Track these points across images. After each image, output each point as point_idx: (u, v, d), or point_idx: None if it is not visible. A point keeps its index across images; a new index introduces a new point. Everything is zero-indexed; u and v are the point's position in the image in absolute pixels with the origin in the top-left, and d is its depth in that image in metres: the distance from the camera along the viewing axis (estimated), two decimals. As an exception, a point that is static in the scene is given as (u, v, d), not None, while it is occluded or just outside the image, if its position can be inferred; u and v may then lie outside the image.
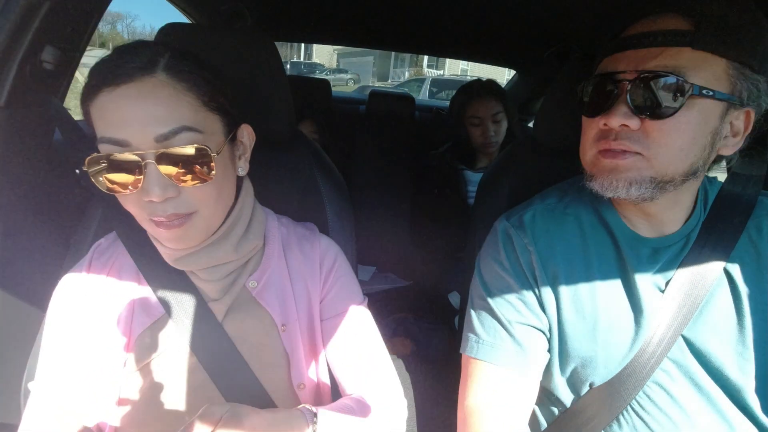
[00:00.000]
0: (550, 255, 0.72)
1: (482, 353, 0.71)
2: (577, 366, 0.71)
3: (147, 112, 0.53)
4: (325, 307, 0.75)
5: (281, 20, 1.86)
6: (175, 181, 0.56)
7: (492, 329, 0.72)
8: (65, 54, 0.82)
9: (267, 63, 0.83)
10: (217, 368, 0.65)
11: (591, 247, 0.72)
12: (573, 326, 0.70)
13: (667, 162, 0.61)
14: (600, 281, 0.70)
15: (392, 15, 1.65)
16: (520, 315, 0.71)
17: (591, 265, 0.71)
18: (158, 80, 0.55)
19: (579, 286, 0.70)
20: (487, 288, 0.75)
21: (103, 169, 0.55)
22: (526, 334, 0.71)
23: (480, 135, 1.73)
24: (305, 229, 0.80)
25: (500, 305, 0.73)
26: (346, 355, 0.74)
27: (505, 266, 0.74)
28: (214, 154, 0.57)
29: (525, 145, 1.08)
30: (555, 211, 0.76)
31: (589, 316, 0.69)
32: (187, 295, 0.67)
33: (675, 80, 0.57)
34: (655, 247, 0.70)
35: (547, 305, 0.71)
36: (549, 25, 1.56)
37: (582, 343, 0.69)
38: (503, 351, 0.70)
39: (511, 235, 0.76)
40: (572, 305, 0.70)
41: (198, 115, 0.57)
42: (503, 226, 0.78)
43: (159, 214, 0.57)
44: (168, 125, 0.54)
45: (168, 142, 0.55)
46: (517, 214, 0.78)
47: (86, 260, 0.69)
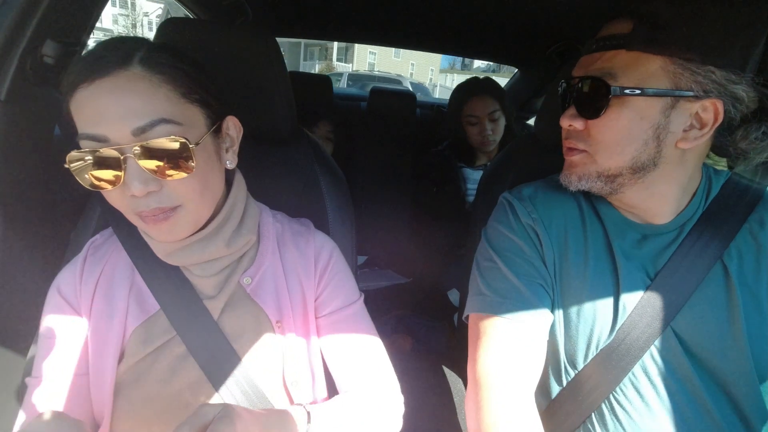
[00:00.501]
0: (549, 223, 0.75)
1: (492, 308, 0.71)
2: (570, 338, 0.72)
3: (123, 105, 0.53)
4: (321, 304, 0.75)
5: (282, 16, 1.86)
6: (156, 175, 0.55)
7: (500, 285, 0.73)
8: (66, 48, 0.82)
9: (268, 58, 0.83)
10: (211, 365, 0.65)
11: (587, 224, 0.75)
12: (566, 295, 0.72)
13: (606, 157, 0.67)
14: (591, 255, 0.72)
15: (395, 11, 1.65)
16: (527, 271, 0.73)
17: (586, 239, 0.74)
18: (133, 73, 0.54)
19: (574, 256, 0.73)
20: (495, 249, 0.77)
21: (85, 165, 0.55)
22: (533, 289, 0.71)
23: (477, 134, 1.72)
24: (300, 225, 0.80)
25: (508, 262, 0.74)
26: (342, 353, 0.74)
27: (513, 227, 0.77)
28: (193, 145, 0.57)
29: (526, 143, 1.08)
30: (556, 188, 0.79)
31: (581, 286, 0.71)
32: (182, 291, 0.66)
33: (599, 82, 0.63)
34: (644, 233, 0.72)
35: (550, 267, 0.74)
36: (551, 23, 1.55)
37: (573, 318, 0.71)
38: (512, 303, 0.70)
39: (514, 204, 0.79)
40: (569, 271, 0.72)
41: (176, 107, 0.57)
42: (506, 197, 0.83)
43: (143, 209, 0.56)
44: (145, 118, 0.54)
45: (146, 135, 0.54)
46: (519, 188, 0.83)
47: (81, 256, 0.69)
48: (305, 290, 0.73)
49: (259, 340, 0.68)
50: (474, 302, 0.74)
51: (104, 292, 0.67)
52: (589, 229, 0.74)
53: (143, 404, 0.64)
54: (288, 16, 1.87)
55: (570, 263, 0.73)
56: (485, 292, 0.73)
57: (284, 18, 1.89)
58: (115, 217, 0.70)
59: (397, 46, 2.32)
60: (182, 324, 0.65)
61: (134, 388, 0.64)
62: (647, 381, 0.67)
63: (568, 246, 0.74)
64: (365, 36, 2.25)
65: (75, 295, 0.67)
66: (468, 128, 1.74)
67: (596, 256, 0.72)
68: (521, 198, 0.80)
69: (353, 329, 0.76)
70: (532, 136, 1.08)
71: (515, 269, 0.73)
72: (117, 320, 0.65)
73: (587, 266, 0.72)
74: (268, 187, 0.90)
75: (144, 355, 0.64)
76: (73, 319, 0.66)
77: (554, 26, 1.58)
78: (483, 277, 0.76)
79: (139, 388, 0.64)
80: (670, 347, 0.67)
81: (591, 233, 0.74)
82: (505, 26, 1.67)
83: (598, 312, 0.69)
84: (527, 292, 0.71)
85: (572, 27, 1.55)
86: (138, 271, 0.67)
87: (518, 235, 0.76)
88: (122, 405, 0.64)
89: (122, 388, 0.64)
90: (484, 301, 0.72)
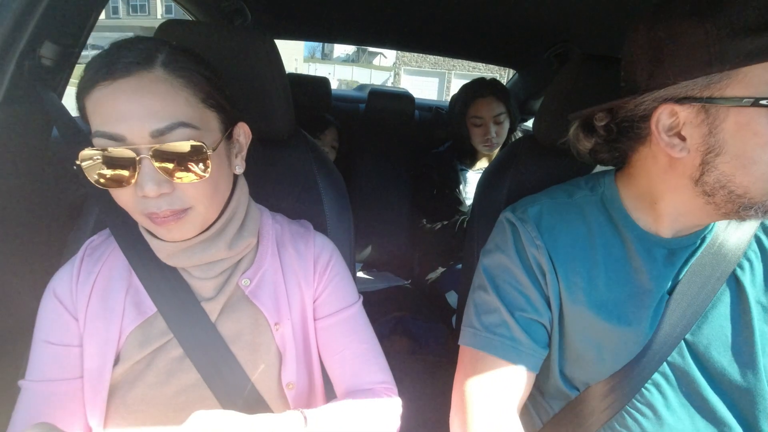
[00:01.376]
0: (555, 251, 0.72)
1: (481, 345, 0.71)
2: (575, 364, 0.70)
3: (143, 106, 0.53)
4: (319, 307, 0.75)
5: (281, 18, 1.86)
6: (169, 177, 0.56)
7: (492, 321, 0.72)
8: (64, 50, 0.82)
9: (267, 60, 0.83)
10: (209, 368, 0.65)
11: (598, 247, 0.71)
12: (573, 324, 0.70)
13: None
14: (604, 282, 0.69)
15: (393, 13, 1.65)
16: (523, 307, 0.71)
17: (596, 264, 0.70)
18: (155, 75, 0.55)
19: (582, 286, 0.70)
20: (491, 278, 0.75)
21: (97, 163, 0.55)
22: (527, 327, 0.70)
23: (481, 135, 1.72)
24: (300, 226, 0.80)
25: (504, 296, 0.72)
26: (340, 355, 0.74)
27: (511, 257, 0.74)
28: (210, 151, 0.57)
29: (525, 145, 1.08)
30: (562, 208, 0.75)
31: (590, 319, 0.68)
32: (179, 293, 0.66)
33: None
34: (672, 248, 0.69)
35: (553, 299, 0.71)
36: (549, 26, 1.55)
37: (581, 344, 0.69)
38: (501, 343, 0.70)
39: (517, 227, 0.75)
40: (574, 304, 0.69)
41: (195, 111, 0.58)
42: (508, 217, 0.77)
43: (153, 210, 0.56)
44: (164, 120, 0.54)
45: (164, 137, 0.55)
46: (523, 207, 0.77)
47: (78, 257, 0.69)
48: (304, 292, 0.73)
49: (257, 342, 0.68)
50: (465, 335, 0.74)
51: (101, 293, 0.66)
52: (604, 249, 0.71)
53: (138, 407, 0.63)
54: (286, 18, 1.87)
55: (580, 289, 0.70)
56: (476, 325, 0.73)
57: (283, 20, 1.89)
58: (113, 218, 0.69)
59: (395, 47, 2.33)
60: (179, 326, 0.65)
61: (129, 390, 0.64)
62: (659, 395, 0.67)
63: (577, 271, 0.70)
64: (364, 37, 2.25)
65: (70, 296, 0.66)
66: (472, 129, 1.74)
67: (616, 280, 0.69)
68: (525, 220, 0.75)
69: (352, 331, 0.76)
70: (531, 137, 1.08)
71: (509, 303, 0.71)
72: (113, 322, 0.65)
73: (601, 290, 0.69)
74: (266, 188, 0.89)
75: (140, 357, 0.64)
76: (68, 321, 0.65)
77: (552, 28, 1.58)
78: (476, 307, 0.75)
79: (134, 391, 0.63)
80: (684, 361, 0.67)
81: (607, 254, 0.71)
82: (504, 28, 1.67)
83: (615, 337, 0.68)
84: (518, 330, 0.70)
85: (570, 29, 1.55)
86: (135, 272, 0.67)
87: (518, 266, 0.73)
88: (117, 407, 0.63)
89: (117, 391, 0.64)
90: (475, 336, 0.72)
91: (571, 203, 0.76)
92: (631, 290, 0.68)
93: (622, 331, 0.67)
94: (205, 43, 0.80)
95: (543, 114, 1.01)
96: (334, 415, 0.64)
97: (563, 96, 0.94)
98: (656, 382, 0.67)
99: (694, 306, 0.66)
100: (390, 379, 0.76)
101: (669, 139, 0.60)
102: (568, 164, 1.00)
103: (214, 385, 0.65)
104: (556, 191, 0.79)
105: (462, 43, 2.01)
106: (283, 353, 0.69)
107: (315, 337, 0.75)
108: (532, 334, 0.70)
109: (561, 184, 0.83)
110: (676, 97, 0.58)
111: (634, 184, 0.70)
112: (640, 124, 0.64)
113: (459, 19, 1.60)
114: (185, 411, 0.64)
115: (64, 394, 0.64)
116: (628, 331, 0.67)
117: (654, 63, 0.60)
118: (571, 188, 0.79)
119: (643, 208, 0.70)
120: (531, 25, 1.58)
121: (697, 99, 0.56)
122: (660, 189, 0.66)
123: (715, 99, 0.55)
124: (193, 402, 0.65)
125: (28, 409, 0.63)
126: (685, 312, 0.66)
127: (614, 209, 0.72)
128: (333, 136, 1.86)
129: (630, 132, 0.66)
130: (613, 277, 0.69)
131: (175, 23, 0.82)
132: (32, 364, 0.65)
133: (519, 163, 1.05)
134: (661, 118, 0.60)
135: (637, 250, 0.69)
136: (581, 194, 0.76)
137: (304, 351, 0.73)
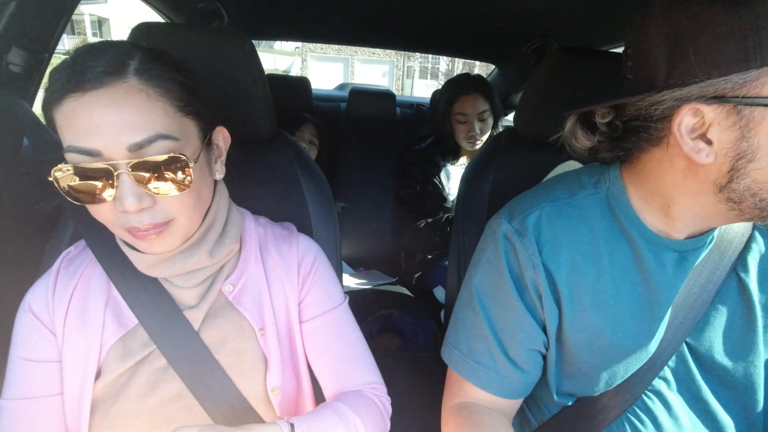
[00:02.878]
0: (556, 265, 0.65)
1: (464, 371, 0.69)
2: (573, 379, 0.68)
3: (120, 119, 0.51)
4: (305, 309, 0.74)
5: (258, 19, 1.84)
6: (150, 190, 0.54)
7: (478, 346, 0.68)
8: (33, 56, 0.79)
9: (246, 61, 0.82)
10: (193, 377, 0.64)
11: (603, 255, 0.64)
12: (574, 342, 0.65)
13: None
14: (611, 294, 0.64)
15: (371, 11, 1.64)
16: (514, 335, 0.66)
17: (602, 275, 0.64)
18: (129, 85, 0.52)
19: (586, 300, 0.64)
20: (481, 299, 0.69)
21: (71, 179, 0.53)
22: (516, 357, 0.67)
23: (465, 132, 1.73)
24: (283, 229, 0.79)
25: (493, 323, 0.67)
26: (327, 357, 0.73)
27: (504, 278, 0.67)
28: (192, 163, 0.56)
29: (506, 138, 1.09)
30: (563, 212, 0.67)
31: (594, 332, 0.64)
32: (160, 303, 0.64)
33: None
34: (684, 251, 0.63)
35: (549, 321, 0.66)
36: (526, 20, 1.57)
37: (583, 358, 0.65)
38: (485, 373, 0.67)
39: (513, 243, 0.67)
40: (576, 321, 0.64)
41: (173, 121, 0.55)
42: (504, 229, 0.68)
43: (135, 225, 0.55)
44: (142, 133, 0.52)
45: (142, 151, 0.52)
46: (521, 215, 0.68)
47: (53, 270, 0.66)
48: (288, 295, 0.72)
49: (242, 348, 0.67)
50: (451, 357, 0.72)
51: (79, 306, 0.64)
52: (610, 257, 0.64)
53: (122, 420, 0.62)
54: (263, 19, 1.85)
55: (583, 305, 0.64)
56: (462, 348, 0.70)
57: (259, 20, 1.87)
58: (89, 229, 0.67)
59: (374, 45, 2.32)
60: (162, 337, 0.63)
61: (112, 403, 0.62)
62: (659, 401, 0.65)
63: (581, 285, 0.64)
64: (341, 36, 2.24)
65: (47, 310, 0.64)
66: (456, 126, 1.75)
67: (623, 292, 0.63)
68: (523, 234, 0.66)
69: (338, 333, 0.75)
70: (512, 131, 1.09)
71: (499, 331, 0.67)
72: (93, 336, 0.63)
73: (607, 305, 0.63)
74: (249, 191, 0.88)
75: (123, 370, 0.62)
76: (46, 337, 0.63)
77: (529, 23, 1.59)
78: (464, 327, 0.71)
79: (117, 404, 0.62)
80: (685, 365, 0.64)
81: (613, 262, 0.64)
82: (481, 24, 1.68)
83: (620, 353, 0.64)
84: (505, 363, 0.66)
85: (548, 23, 1.57)
86: (114, 284, 0.65)
87: (511, 289, 0.66)
88: (100, 422, 0.62)
89: (100, 405, 0.62)
90: (459, 361, 0.70)
91: (573, 205, 0.67)
92: (639, 302, 0.63)
93: (627, 346, 0.63)
94: (182, 45, 0.79)
95: (523, 108, 1.02)
96: (321, 421, 0.63)
97: (543, 89, 0.95)
98: (656, 388, 0.64)
99: (697, 307, 0.62)
100: (379, 379, 0.76)
101: (693, 143, 0.53)
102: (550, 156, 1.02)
103: (199, 394, 0.64)
104: (557, 189, 0.70)
105: (440, 39, 2.02)
106: (268, 358, 0.68)
107: (301, 340, 0.74)
108: (521, 365, 0.67)
109: (561, 176, 0.75)
110: (705, 95, 0.50)
111: (643, 184, 0.63)
112: (655, 125, 0.56)
113: (436, 15, 1.60)
114: (170, 422, 0.63)
115: (45, 412, 0.62)
116: (634, 346, 0.63)
117: (676, 56, 0.51)
118: (572, 184, 0.70)
119: (652, 210, 0.63)
120: (508, 20, 1.60)
121: (729, 99, 0.49)
122: (675, 193, 0.59)
123: (750, 99, 0.48)
124: (179, 412, 0.64)
125: (8, 429, 0.61)
126: (687, 315, 0.62)
127: (621, 209, 0.65)
128: (311, 132, 1.84)
129: (641, 132, 0.58)
130: (620, 288, 0.63)
131: (150, 25, 0.80)
132: (9, 382, 0.63)
133: (501, 157, 1.06)
134: (684, 119, 0.52)
135: (645, 256, 0.63)
136: (584, 193, 0.68)
137: (291, 355, 0.72)
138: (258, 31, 2.06)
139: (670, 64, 0.52)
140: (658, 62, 0.53)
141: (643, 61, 0.56)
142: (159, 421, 0.63)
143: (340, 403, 0.68)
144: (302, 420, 0.61)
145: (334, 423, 0.63)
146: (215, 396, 0.64)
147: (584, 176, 0.70)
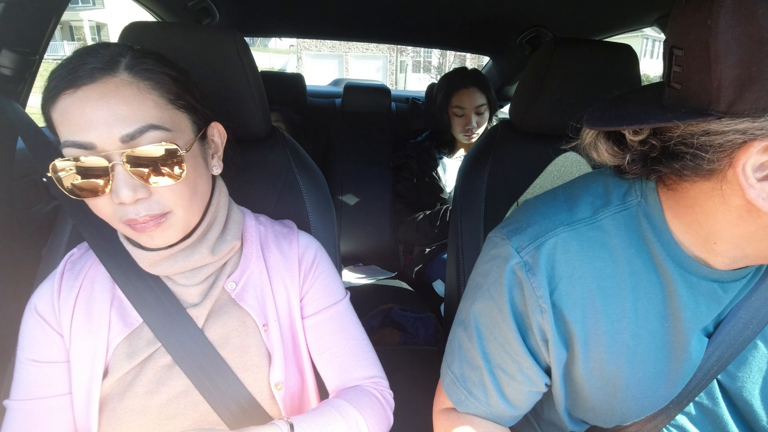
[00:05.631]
0: (570, 305, 0.55)
1: (456, 400, 0.66)
2: (585, 411, 0.62)
3: (111, 112, 0.52)
4: (306, 305, 0.75)
5: (249, 15, 1.83)
6: (145, 181, 0.55)
7: (472, 376, 0.64)
8: (24, 58, 0.79)
9: (239, 59, 0.81)
10: (199, 374, 0.64)
11: (627, 290, 0.55)
12: (586, 382, 0.58)
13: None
14: (633, 333, 0.55)
15: (364, 6, 1.64)
16: (511, 374, 0.61)
17: (624, 314, 0.55)
18: (120, 80, 0.54)
19: (603, 343, 0.56)
20: (478, 328, 0.62)
21: (69, 174, 0.54)
22: (511, 394, 0.62)
23: (462, 125, 1.74)
24: (283, 226, 0.79)
25: (489, 357, 0.61)
26: (329, 352, 0.74)
27: (505, 317, 0.59)
28: (184, 152, 0.57)
29: (502, 129, 1.09)
30: (584, 237, 0.56)
31: (611, 374, 0.56)
32: (163, 301, 0.65)
33: None
34: (725, 281, 0.54)
35: (556, 364, 0.58)
36: (520, 11, 1.57)
37: (597, 397, 0.58)
38: (476, 405, 0.64)
39: (521, 280, 0.57)
40: (591, 366, 0.57)
41: (164, 113, 0.57)
42: (513, 264, 0.57)
43: (132, 217, 0.55)
44: (133, 124, 0.53)
45: (135, 142, 0.54)
46: (533, 242, 0.57)
47: (58, 271, 0.67)
48: (290, 292, 0.73)
49: (246, 344, 0.68)
50: (445, 378, 0.68)
51: (84, 307, 0.65)
52: (634, 291, 0.55)
53: (130, 417, 0.63)
54: (254, 16, 1.84)
55: (600, 345, 0.56)
56: (455, 371, 0.65)
57: (251, 17, 1.86)
58: (89, 230, 0.68)
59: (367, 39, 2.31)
60: (166, 335, 0.64)
61: (120, 401, 0.63)
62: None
63: (598, 324, 0.55)
64: (331, 32, 2.23)
65: (53, 312, 0.64)
66: (453, 119, 1.75)
67: (648, 330, 0.55)
68: (535, 269, 0.55)
69: (340, 328, 0.75)
70: (508, 122, 1.09)
71: (495, 366, 0.61)
72: (99, 336, 0.63)
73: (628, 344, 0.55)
74: (246, 189, 0.88)
75: (129, 368, 0.63)
76: (53, 338, 0.64)
77: (523, 14, 1.59)
78: (459, 350, 0.65)
79: (124, 402, 0.63)
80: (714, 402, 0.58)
81: (637, 297, 0.55)
82: (475, 16, 1.67)
83: (641, 392, 0.57)
84: (497, 399, 0.62)
85: (542, 14, 1.57)
86: (117, 284, 0.66)
87: (513, 331, 0.58)
88: (108, 420, 0.62)
89: (107, 403, 0.63)
90: (451, 384, 0.66)
91: (595, 227, 0.56)
92: (664, 340, 0.55)
93: (649, 387, 0.56)
94: (174, 44, 0.78)
95: (519, 99, 1.02)
96: (321, 419, 0.63)
97: (538, 80, 0.95)
98: (679, 423, 0.59)
99: (735, 346, 0.54)
100: (380, 373, 0.77)
101: (761, 186, 0.42)
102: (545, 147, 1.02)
103: (205, 391, 0.65)
104: (579, 203, 0.58)
105: (433, 31, 2.02)
106: (271, 354, 0.69)
107: (304, 336, 0.75)
108: (516, 405, 0.63)
109: (587, 182, 0.62)
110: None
111: (684, 212, 0.52)
112: (710, 156, 0.44)
113: (429, 8, 1.60)
114: (177, 418, 0.64)
115: (52, 412, 0.63)
116: (657, 386, 0.56)
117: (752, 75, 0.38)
118: (597, 198, 0.58)
119: (691, 235, 0.52)
120: (502, 11, 1.59)
121: None
122: (726, 234, 0.49)
123: None
124: (185, 408, 0.65)
125: (17, 429, 0.62)
126: (724, 353, 0.55)
127: (655, 229, 0.54)
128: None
129: (688, 160, 0.46)
130: (644, 326, 0.55)
131: (141, 25, 0.80)
132: (17, 384, 0.63)
133: (498, 148, 1.06)
134: (752, 156, 0.41)
135: (677, 287, 0.53)
136: (608, 212, 0.56)
137: (293, 351, 0.73)
138: (249, 28, 2.05)
139: (740, 84, 0.39)
140: (724, 78, 0.40)
141: (701, 71, 0.42)
142: (166, 418, 0.64)
143: (340, 399, 0.68)
144: (302, 419, 0.61)
145: (334, 420, 0.63)
146: (221, 392, 0.65)
147: (611, 185, 0.59)
